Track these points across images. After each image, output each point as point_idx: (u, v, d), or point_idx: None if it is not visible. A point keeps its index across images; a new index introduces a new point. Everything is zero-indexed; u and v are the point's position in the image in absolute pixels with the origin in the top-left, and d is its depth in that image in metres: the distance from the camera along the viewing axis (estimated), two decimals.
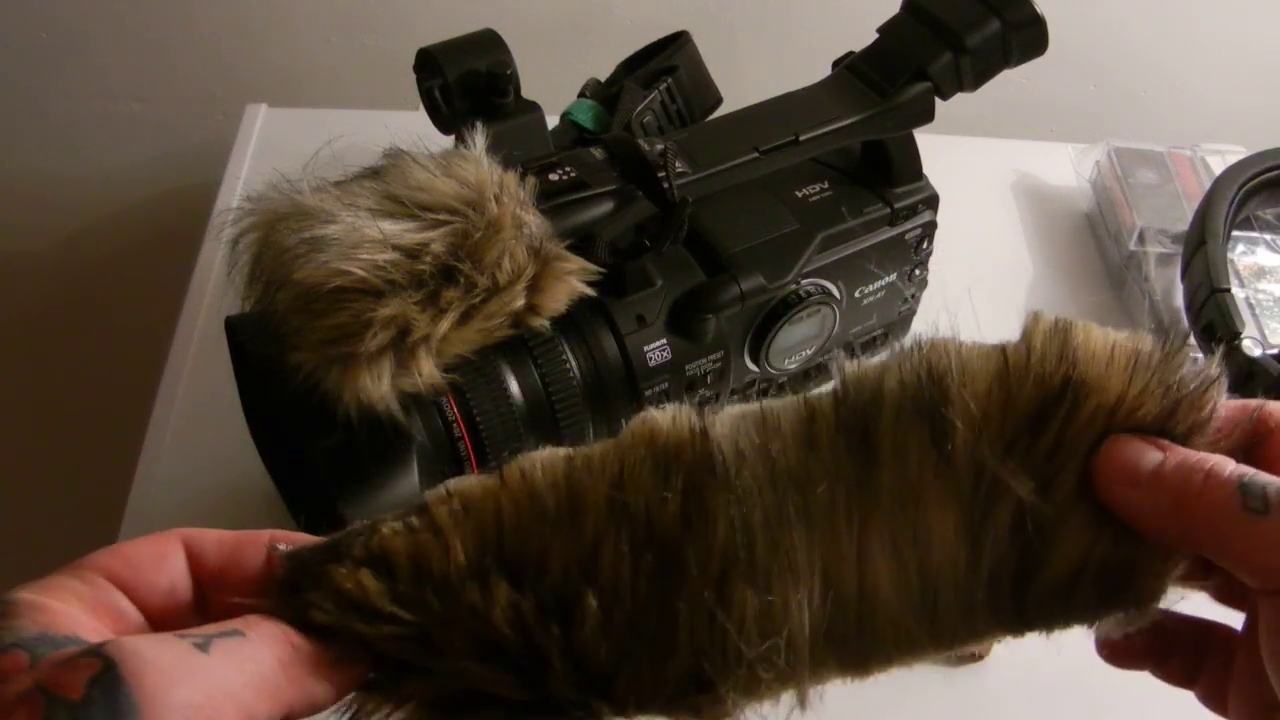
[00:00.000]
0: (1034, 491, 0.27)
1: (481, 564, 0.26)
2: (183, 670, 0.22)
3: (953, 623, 0.28)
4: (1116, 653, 0.32)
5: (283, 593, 0.26)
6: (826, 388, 0.29)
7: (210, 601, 0.27)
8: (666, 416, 0.28)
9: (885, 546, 0.28)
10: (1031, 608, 0.28)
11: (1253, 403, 0.29)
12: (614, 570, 0.27)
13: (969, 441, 0.27)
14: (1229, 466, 0.27)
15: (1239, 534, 0.26)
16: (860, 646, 0.28)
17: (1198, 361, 0.29)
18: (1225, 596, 0.30)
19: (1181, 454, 0.28)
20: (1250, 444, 0.28)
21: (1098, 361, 0.28)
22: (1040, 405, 0.28)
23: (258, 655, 0.24)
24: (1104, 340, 0.28)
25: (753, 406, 0.29)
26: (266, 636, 0.24)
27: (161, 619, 0.26)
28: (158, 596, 0.26)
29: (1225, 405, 0.29)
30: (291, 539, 0.28)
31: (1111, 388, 0.28)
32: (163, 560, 0.27)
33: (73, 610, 0.24)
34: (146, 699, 0.21)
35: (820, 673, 0.28)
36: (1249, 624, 0.29)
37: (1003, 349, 0.29)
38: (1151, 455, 0.27)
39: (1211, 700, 0.31)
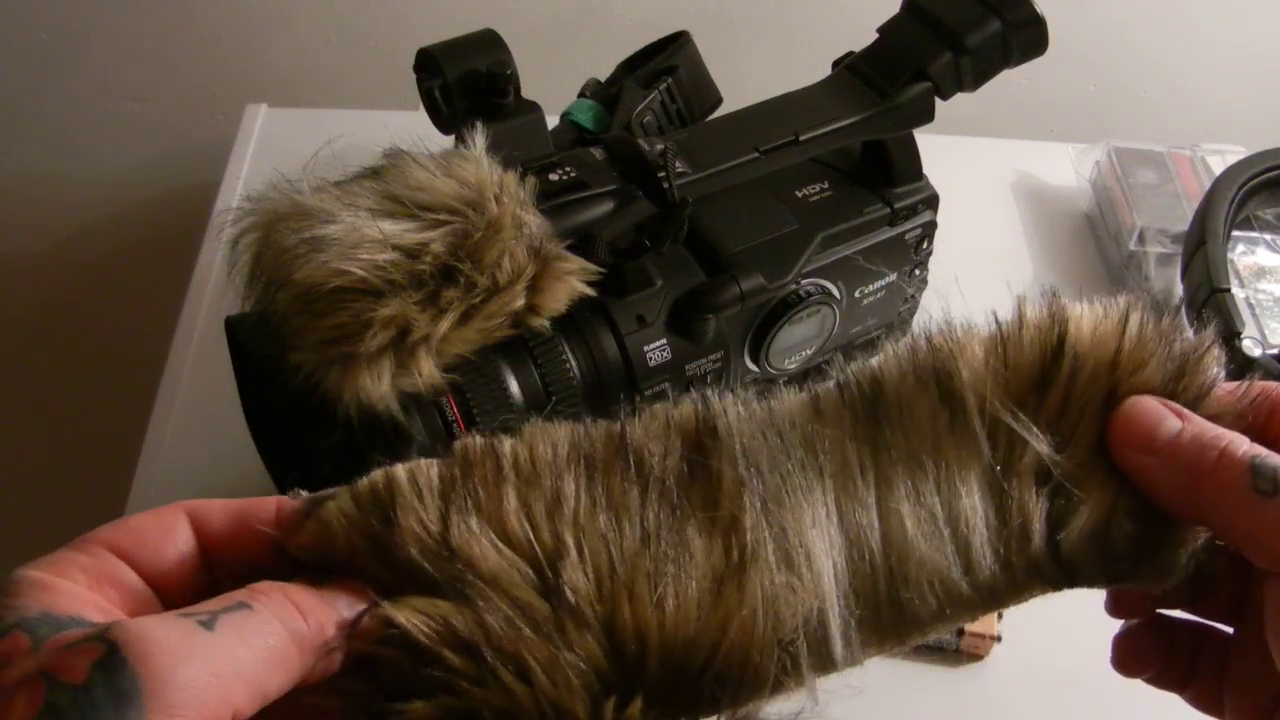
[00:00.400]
0: (1052, 446, 0.27)
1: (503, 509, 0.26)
2: (187, 649, 0.22)
3: (993, 575, 0.27)
4: (1127, 660, 0.32)
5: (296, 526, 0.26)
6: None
7: (217, 570, 0.27)
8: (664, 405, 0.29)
9: (909, 495, 0.27)
10: (1070, 556, 0.28)
11: (1262, 384, 0.29)
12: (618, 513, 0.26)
13: (981, 398, 0.27)
14: (1243, 446, 0.27)
15: (1248, 514, 0.26)
16: (895, 605, 0.27)
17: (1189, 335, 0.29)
18: (1210, 613, 0.31)
19: (1199, 426, 0.27)
20: (1264, 424, 0.28)
21: (1088, 322, 0.28)
22: (1041, 365, 0.28)
23: (266, 628, 0.24)
24: (1093, 307, 0.29)
25: (755, 402, 0.29)
26: (274, 606, 0.24)
27: (169, 591, 0.26)
28: (164, 568, 0.26)
29: (1232, 386, 0.29)
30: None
31: (1108, 345, 0.28)
32: (168, 531, 0.26)
33: (78, 587, 0.24)
34: (151, 680, 0.21)
35: (856, 646, 0.27)
36: (1239, 630, 0.30)
37: (996, 321, 0.29)
38: (1170, 423, 0.27)
39: (1204, 701, 0.31)
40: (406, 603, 0.25)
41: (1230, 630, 0.31)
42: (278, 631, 0.24)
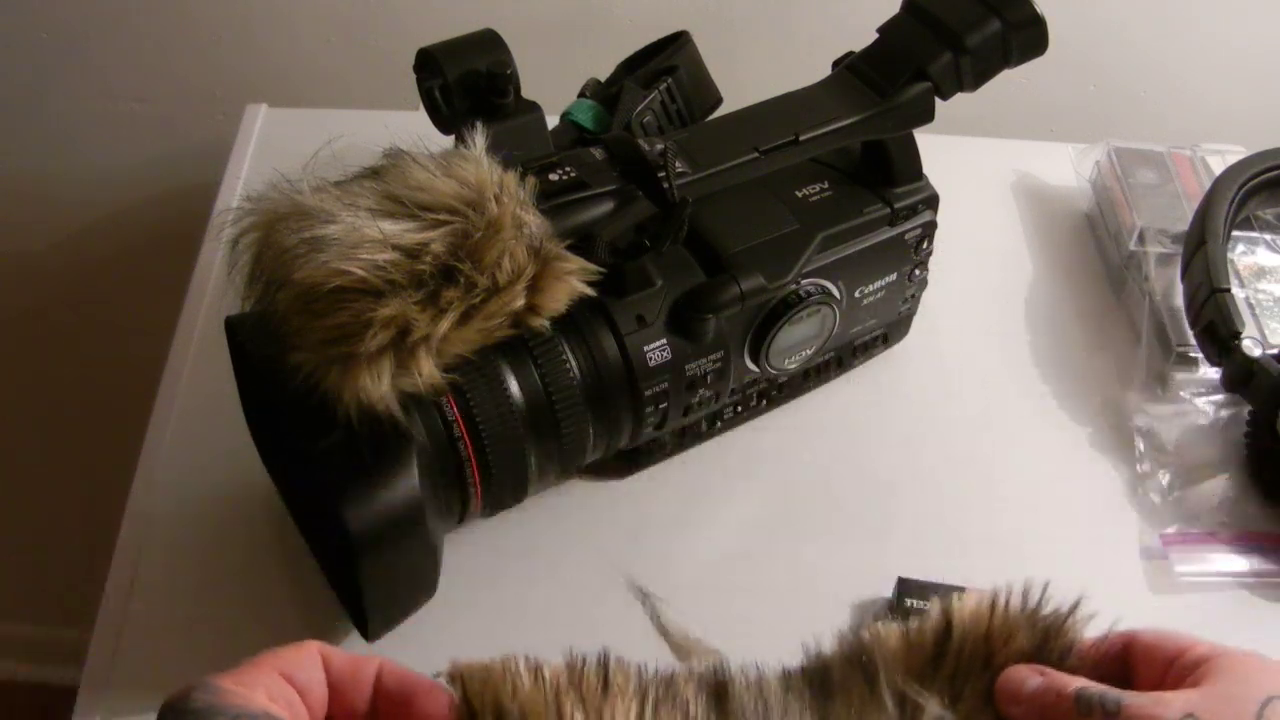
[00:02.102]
0: (942, 705, 0.38)
1: None
2: None
3: None
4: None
5: None
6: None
7: (333, 707, 0.35)
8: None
9: None
10: None
11: (1116, 634, 0.38)
12: None
13: (889, 677, 0.38)
14: (1073, 684, 0.36)
15: None
16: None
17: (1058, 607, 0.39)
18: None
19: (1051, 677, 0.37)
20: (1125, 663, 0.38)
21: (969, 609, 0.39)
22: (935, 646, 0.39)
23: None
24: (976, 597, 0.40)
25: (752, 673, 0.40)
26: None
27: (314, 709, 0.34)
28: (314, 695, 0.34)
29: (1091, 641, 0.39)
30: (399, 668, 0.36)
31: (980, 624, 0.39)
32: (315, 664, 0.34)
33: (261, 696, 0.32)
34: None
35: None
36: None
37: (904, 621, 0.40)
38: (1031, 680, 0.37)
39: None
40: None
41: None
42: None
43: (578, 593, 0.55)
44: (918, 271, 0.61)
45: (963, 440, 0.63)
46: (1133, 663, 0.38)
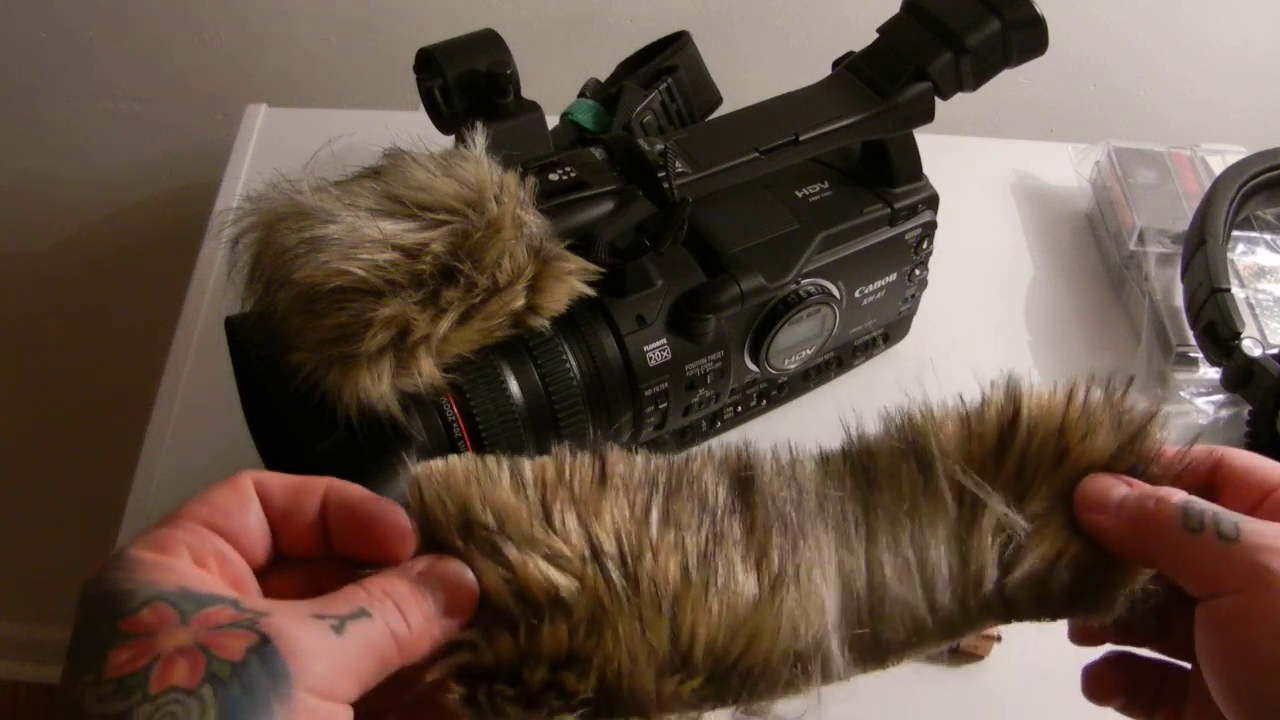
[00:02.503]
0: (1006, 504, 0.33)
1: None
2: (325, 649, 0.27)
3: (951, 612, 0.33)
4: (1095, 689, 0.37)
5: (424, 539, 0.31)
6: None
7: (279, 539, 0.31)
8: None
9: (889, 547, 0.33)
10: (1012, 596, 0.33)
11: (1201, 447, 0.34)
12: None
13: (948, 467, 0.34)
14: (1177, 494, 0.32)
15: (1181, 548, 0.31)
16: (875, 634, 0.32)
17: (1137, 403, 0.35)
18: (1171, 650, 0.35)
19: (1142, 487, 0.33)
20: (1210, 483, 0.34)
21: (1039, 397, 0.34)
22: (999, 436, 0.34)
23: (379, 635, 0.28)
24: (1046, 385, 0.35)
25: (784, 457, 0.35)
26: (387, 614, 0.29)
27: (253, 558, 0.30)
28: (249, 539, 0.30)
29: (1174, 451, 0.34)
30: (348, 490, 0.31)
31: (1055, 415, 0.34)
32: (245, 503, 0.30)
33: (186, 564, 0.28)
34: (296, 670, 0.26)
35: (842, 662, 0.32)
36: (1195, 666, 0.33)
37: (963, 402, 0.36)
38: (1119, 489, 0.33)
39: None
40: (492, 568, 0.30)
41: (1189, 666, 0.34)
42: (387, 639, 0.28)
43: None
44: (918, 271, 0.61)
45: None
46: (1220, 485, 0.33)
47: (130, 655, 0.25)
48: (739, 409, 0.60)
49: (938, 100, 0.56)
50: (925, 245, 0.60)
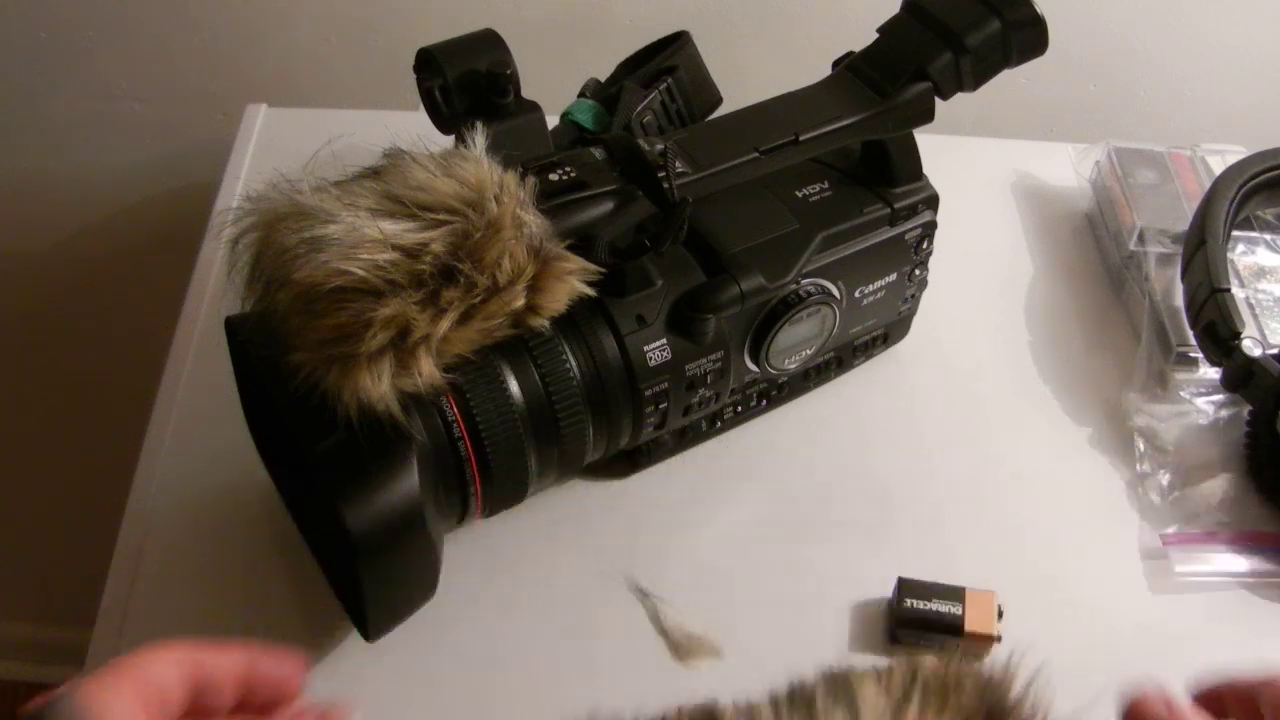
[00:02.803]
0: None
1: None
2: None
3: None
4: None
5: None
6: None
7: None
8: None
9: None
10: None
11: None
12: None
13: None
14: None
15: None
16: None
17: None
18: None
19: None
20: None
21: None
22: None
23: None
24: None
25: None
26: None
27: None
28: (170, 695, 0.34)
29: None
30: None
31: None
32: (170, 669, 0.35)
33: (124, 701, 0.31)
34: None
35: None
36: None
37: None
38: None
39: None
40: None
41: None
42: None
43: (578, 593, 0.55)
44: (918, 271, 0.61)
45: (963, 440, 0.63)
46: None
47: None
48: (739, 409, 0.60)
49: (938, 100, 0.56)
50: (925, 245, 0.60)
